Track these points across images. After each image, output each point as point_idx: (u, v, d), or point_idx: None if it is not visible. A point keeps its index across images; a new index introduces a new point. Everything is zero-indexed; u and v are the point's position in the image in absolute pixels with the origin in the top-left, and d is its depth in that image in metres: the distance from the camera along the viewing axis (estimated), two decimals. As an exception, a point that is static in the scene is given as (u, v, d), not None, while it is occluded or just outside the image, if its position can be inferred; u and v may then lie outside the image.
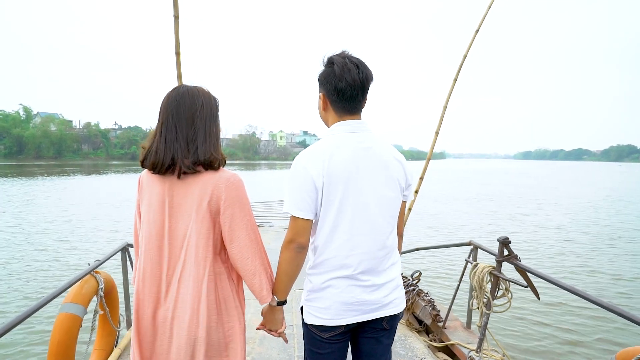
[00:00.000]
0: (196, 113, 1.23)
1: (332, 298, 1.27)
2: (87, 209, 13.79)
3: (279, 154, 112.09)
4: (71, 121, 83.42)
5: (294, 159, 1.27)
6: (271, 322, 1.36)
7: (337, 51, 1.31)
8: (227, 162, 1.59)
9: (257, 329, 1.43)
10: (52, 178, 28.63)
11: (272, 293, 1.31)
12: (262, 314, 1.40)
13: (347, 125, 1.29)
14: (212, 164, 1.22)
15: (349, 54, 1.29)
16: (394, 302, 1.35)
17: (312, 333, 1.33)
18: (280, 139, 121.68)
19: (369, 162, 1.27)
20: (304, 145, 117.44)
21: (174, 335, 1.23)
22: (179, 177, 1.21)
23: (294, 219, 1.24)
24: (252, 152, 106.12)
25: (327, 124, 1.36)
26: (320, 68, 1.32)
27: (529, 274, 2.36)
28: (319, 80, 1.31)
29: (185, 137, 1.21)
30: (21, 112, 74.42)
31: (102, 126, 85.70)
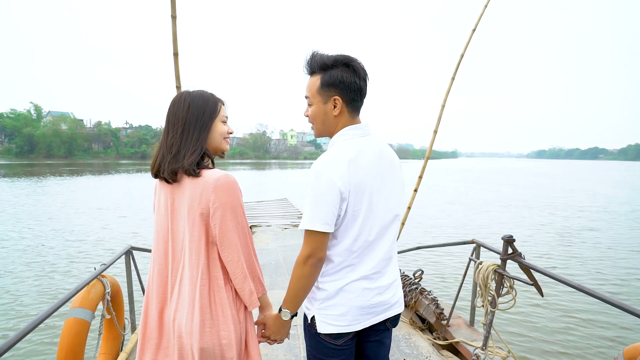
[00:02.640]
0: (179, 119, 1.25)
1: (347, 304, 1.25)
2: (91, 211, 13.65)
3: (290, 153, 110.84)
4: (82, 120, 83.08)
5: (304, 158, 1.23)
6: (279, 333, 1.34)
7: (331, 53, 1.26)
8: (238, 161, 1.59)
9: (259, 342, 1.39)
10: (52, 178, 28.07)
11: (285, 306, 1.28)
12: (264, 324, 1.36)
13: (359, 129, 1.28)
14: (187, 171, 1.21)
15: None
16: (399, 301, 1.38)
17: (324, 342, 1.29)
18: (291, 138, 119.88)
19: (384, 166, 1.28)
20: (314, 144, 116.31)
21: (177, 336, 1.25)
22: (167, 182, 1.25)
23: (313, 233, 1.18)
24: (263, 151, 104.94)
25: (334, 131, 1.30)
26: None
27: (532, 272, 2.41)
28: (333, 83, 1.23)
29: (170, 144, 1.24)
30: (32, 111, 74.22)
31: (114, 125, 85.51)
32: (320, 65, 1.25)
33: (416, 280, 3.74)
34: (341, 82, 1.23)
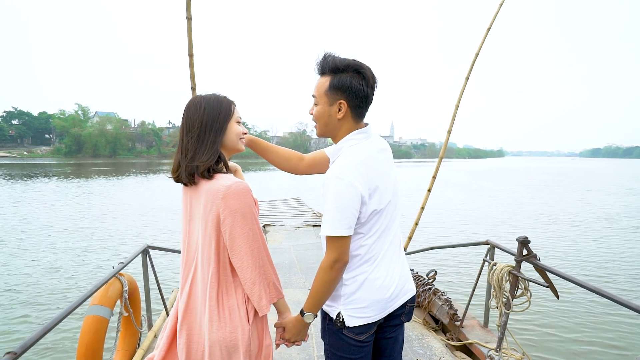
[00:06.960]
0: (195, 123, 1.27)
1: (370, 297, 1.29)
2: (113, 210, 13.95)
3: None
4: (127, 120, 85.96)
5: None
6: (299, 334, 1.36)
7: (347, 56, 1.28)
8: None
9: (277, 344, 1.40)
10: (84, 180, 28.56)
11: (308, 310, 1.30)
12: (283, 326, 1.37)
13: (363, 133, 1.32)
14: (202, 173, 1.23)
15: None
16: (412, 287, 1.44)
17: (346, 339, 1.31)
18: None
19: (387, 163, 1.36)
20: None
21: (186, 334, 1.28)
22: (186, 185, 1.29)
23: (338, 238, 1.21)
24: (303, 149, 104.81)
25: (336, 134, 1.34)
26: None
27: (548, 274, 2.37)
28: (341, 88, 1.25)
29: (186, 149, 1.27)
30: (79, 112, 77.83)
31: (158, 125, 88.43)
32: (331, 68, 1.27)
33: (430, 281, 3.72)
34: (349, 88, 1.25)
